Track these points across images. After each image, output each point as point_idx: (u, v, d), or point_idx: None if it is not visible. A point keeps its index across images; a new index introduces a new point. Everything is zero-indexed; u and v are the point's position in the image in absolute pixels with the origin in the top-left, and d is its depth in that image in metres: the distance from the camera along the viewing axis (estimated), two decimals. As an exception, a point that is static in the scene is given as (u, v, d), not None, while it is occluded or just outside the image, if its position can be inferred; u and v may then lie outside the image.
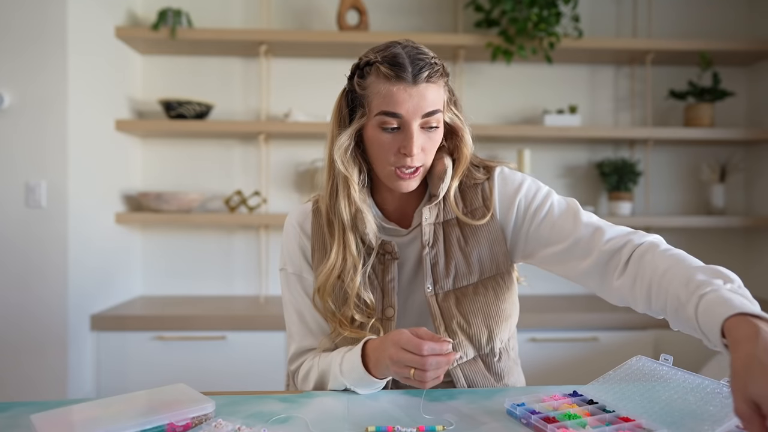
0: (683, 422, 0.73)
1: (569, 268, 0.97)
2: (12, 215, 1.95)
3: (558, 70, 2.62)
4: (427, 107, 0.91)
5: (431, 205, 1.00)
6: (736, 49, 2.42)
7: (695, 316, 0.75)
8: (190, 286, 2.56)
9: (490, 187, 1.02)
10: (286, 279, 1.08)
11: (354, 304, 0.99)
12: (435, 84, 0.92)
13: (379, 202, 1.05)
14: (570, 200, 1.01)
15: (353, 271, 0.98)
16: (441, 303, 1.00)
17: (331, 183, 1.00)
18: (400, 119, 0.91)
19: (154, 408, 0.79)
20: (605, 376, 0.90)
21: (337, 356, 0.96)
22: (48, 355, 1.96)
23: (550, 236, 0.98)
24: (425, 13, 2.60)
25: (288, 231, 1.08)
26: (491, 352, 1.02)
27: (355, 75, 0.96)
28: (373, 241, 0.99)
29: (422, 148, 0.94)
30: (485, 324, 0.99)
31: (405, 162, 0.93)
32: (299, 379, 1.06)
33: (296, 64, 2.57)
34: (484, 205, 1.02)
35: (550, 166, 2.64)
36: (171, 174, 2.56)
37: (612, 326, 2.19)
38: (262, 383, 2.04)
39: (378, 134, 0.93)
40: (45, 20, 1.94)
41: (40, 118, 1.95)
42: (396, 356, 0.83)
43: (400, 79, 0.89)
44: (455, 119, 1.00)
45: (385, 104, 0.91)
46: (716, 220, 2.45)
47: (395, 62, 0.90)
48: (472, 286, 1.00)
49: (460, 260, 1.01)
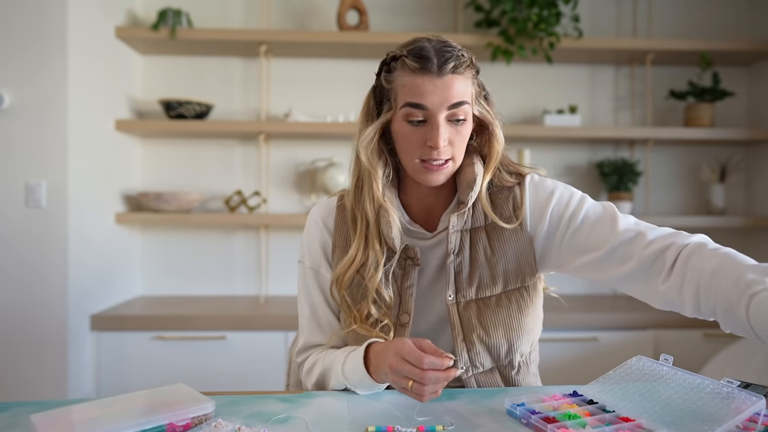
0: (683, 422, 0.73)
1: (608, 274, 0.93)
2: (12, 215, 1.95)
3: (558, 70, 2.62)
4: (453, 98, 0.90)
5: (459, 212, 0.98)
6: (736, 49, 2.42)
7: (746, 317, 0.73)
8: (190, 286, 2.56)
9: (521, 194, 1.00)
10: (303, 272, 1.07)
11: (372, 299, 0.97)
12: (462, 75, 0.91)
13: (406, 203, 1.03)
14: (606, 204, 0.98)
15: (374, 267, 0.96)
16: (462, 312, 0.98)
17: (356, 178, 1.00)
18: (426, 111, 0.90)
19: (154, 408, 0.79)
20: (605, 376, 0.89)
21: (341, 356, 0.96)
22: (48, 355, 1.96)
23: (586, 244, 0.95)
24: (425, 13, 2.60)
25: (310, 225, 1.07)
26: (509, 365, 1.00)
27: (382, 71, 0.96)
28: (396, 244, 0.97)
29: (450, 141, 0.92)
30: (506, 337, 0.97)
31: (431, 155, 0.91)
32: (303, 372, 1.05)
33: (296, 64, 2.57)
34: (514, 214, 0.99)
35: (550, 166, 2.64)
36: (171, 174, 2.56)
37: (612, 326, 2.19)
38: (262, 383, 2.04)
39: (404, 127, 0.92)
40: (45, 20, 1.94)
41: (40, 118, 1.95)
42: (396, 366, 0.82)
43: (426, 71, 0.89)
44: (485, 113, 0.98)
45: (411, 96, 0.90)
46: (716, 220, 2.45)
47: (420, 54, 0.89)
48: (495, 297, 0.98)
49: (485, 270, 0.99)
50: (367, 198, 0.97)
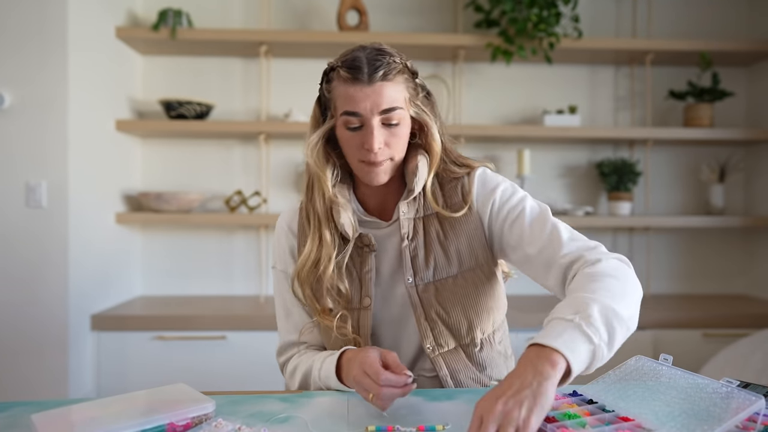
0: (683, 422, 0.73)
1: (535, 274, 1.01)
2: (12, 215, 1.96)
3: (558, 70, 2.62)
4: (383, 104, 0.95)
5: (409, 200, 1.04)
6: (735, 49, 2.42)
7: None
8: (190, 286, 2.57)
9: (470, 183, 1.06)
10: (276, 276, 1.15)
11: (327, 291, 1.03)
12: (392, 82, 0.96)
13: (361, 198, 1.10)
14: (543, 206, 1.04)
15: (328, 261, 1.03)
16: (421, 294, 1.04)
17: (307, 179, 1.08)
18: (361, 117, 0.96)
19: (154, 408, 0.79)
20: (605, 376, 0.90)
21: (318, 361, 1.02)
22: (48, 355, 1.96)
23: (520, 239, 1.01)
24: (425, 14, 2.60)
25: (278, 231, 1.15)
26: (472, 343, 1.05)
27: (323, 81, 1.03)
28: (349, 233, 1.03)
29: (386, 142, 0.98)
30: (464, 314, 1.03)
31: (369, 157, 0.98)
32: (287, 374, 1.12)
33: (296, 64, 2.57)
34: (462, 200, 1.05)
35: (550, 166, 2.65)
36: (171, 174, 2.56)
37: (612, 326, 2.18)
38: (262, 383, 2.04)
39: (344, 133, 0.99)
40: (45, 20, 1.94)
41: (40, 118, 1.95)
42: (358, 378, 0.87)
43: (357, 80, 0.95)
44: (421, 114, 1.03)
45: (346, 105, 0.96)
46: (716, 220, 2.45)
47: (353, 65, 0.95)
48: (451, 278, 1.04)
49: (440, 253, 1.04)
50: (317, 196, 1.05)
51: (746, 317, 2.24)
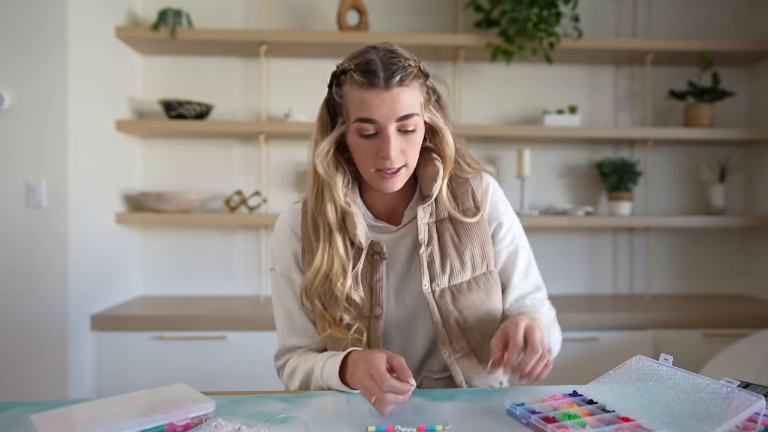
0: (683, 422, 0.73)
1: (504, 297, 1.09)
2: (12, 215, 1.95)
3: (558, 70, 2.62)
4: (401, 111, 0.92)
5: (425, 204, 1.03)
6: (735, 49, 2.42)
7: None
8: (190, 286, 2.57)
9: (483, 190, 1.07)
10: (275, 279, 1.10)
11: (344, 307, 1.00)
12: (409, 87, 0.93)
13: (368, 202, 1.07)
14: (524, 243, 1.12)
15: (342, 273, 1.00)
16: (438, 300, 1.02)
17: (316, 187, 1.03)
18: (376, 124, 0.93)
19: (154, 408, 0.79)
20: (605, 376, 0.90)
21: (321, 361, 1.00)
22: (48, 355, 1.96)
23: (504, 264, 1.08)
24: (425, 13, 2.60)
25: (279, 233, 1.10)
26: (485, 347, 1.03)
27: (333, 84, 0.99)
28: (363, 242, 1.01)
29: (401, 150, 0.95)
30: (479, 320, 1.02)
31: (384, 165, 0.95)
32: (284, 376, 1.10)
33: (296, 64, 2.57)
34: (475, 206, 1.06)
35: (550, 166, 2.65)
36: (171, 174, 2.56)
37: (612, 326, 2.19)
38: (262, 383, 2.03)
39: (357, 140, 0.96)
40: (45, 20, 1.94)
41: (40, 117, 1.95)
42: (362, 381, 0.87)
43: (373, 86, 0.91)
44: (435, 119, 1.00)
45: (361, 111, 0.93)
46: (716, 220, 2.45)
47: (367, 69, 0.92)
48: (465, 283, 1.03)
49: (455, 258, 1.03)
50: (329, 205, 1.00)
51: (746, 317, 2.24)
